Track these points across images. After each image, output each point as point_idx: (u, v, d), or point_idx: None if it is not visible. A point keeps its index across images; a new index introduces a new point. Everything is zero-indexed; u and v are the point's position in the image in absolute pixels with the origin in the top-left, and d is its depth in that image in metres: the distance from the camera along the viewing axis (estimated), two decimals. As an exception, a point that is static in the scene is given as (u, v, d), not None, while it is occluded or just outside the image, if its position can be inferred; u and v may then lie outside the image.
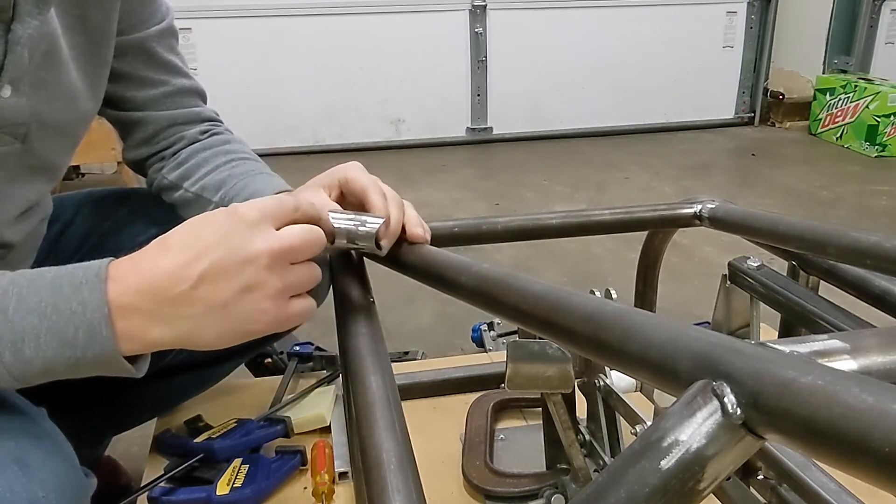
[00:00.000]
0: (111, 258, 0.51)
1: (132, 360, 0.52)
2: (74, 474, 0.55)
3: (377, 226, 0.63)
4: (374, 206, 0.66)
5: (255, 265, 0.51)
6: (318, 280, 0.56)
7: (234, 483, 0.83)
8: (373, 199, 0.67)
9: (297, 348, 1.14)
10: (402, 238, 0.69)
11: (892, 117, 3.21)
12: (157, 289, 0.50)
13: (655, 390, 0.90)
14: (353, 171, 0.69)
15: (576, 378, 0.73)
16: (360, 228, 0.63)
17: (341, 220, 0.63)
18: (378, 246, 0.64)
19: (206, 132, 0.86)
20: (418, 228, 0.69)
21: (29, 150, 0.66)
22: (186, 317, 0.50)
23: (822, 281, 0.84)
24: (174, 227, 0.56)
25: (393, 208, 0.67)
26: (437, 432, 0.98)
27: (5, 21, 0.59)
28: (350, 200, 0.70)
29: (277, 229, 0.53)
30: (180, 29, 0.84)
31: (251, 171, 0.80)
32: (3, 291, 0.48)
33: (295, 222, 0.55)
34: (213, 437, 0.90)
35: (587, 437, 0.79)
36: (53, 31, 0.64)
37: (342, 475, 0.87)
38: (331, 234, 0.62)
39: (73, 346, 0.48)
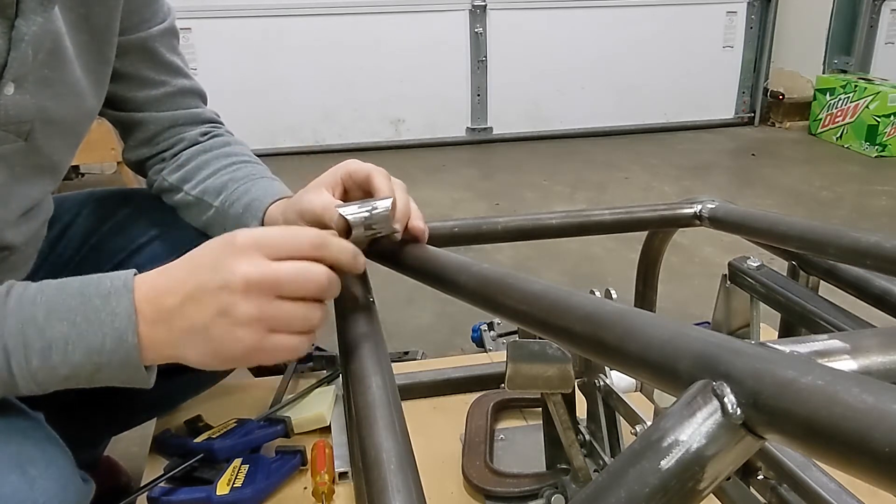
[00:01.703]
0: (134, 270, 0.53)
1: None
2: (74, 481, 0.55)
3: (388, 204, 0.63)
4: (380, 188, 0.66)
5: (229, 290, 0.50)
6: (313, 323, 0.54)
7: (234, 483, 0.83)
8: (378, 183, 0.67)
9: (297, 348, 1.14)
10: (403, 234, 0.69)
11: (892, 117, 3.21)
12: (156, 301, 0.52)
13: (655, 390, 0.90)
14: (354, 164, 0.69)
15: (576, 378, 0.73)
16: (374, 212, 0.63)
17: (352, 211, 0.62)
18: (392, 228, 0.64)
19: (206, 134, 0.86)
20: (419, 221, 0.68)
21: (33, 149, 0.66)
22: (175, 331, 0.52)
23: (822, 281, 0.84)
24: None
25: (399, 192, 0.67)
26: (437, 432, 0.98)
27: (9, 18, 0.59)
28: (355, 195, 0.70)
29: (277, 259, 0.52)
30: (180, 29, 0.84)
31: (252, 175, 0.80)
32: (31, 300, 0.50)
33: (315, 259, 0.53)
34: (213, 437, 0.90)
35: (587, 437, 0.79)
36: (58, 29, 0.64)
37: (342, 475, 0.87)
38: (344, 230, 0.62)
39: (99, 353, 0.50)
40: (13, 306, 0.50)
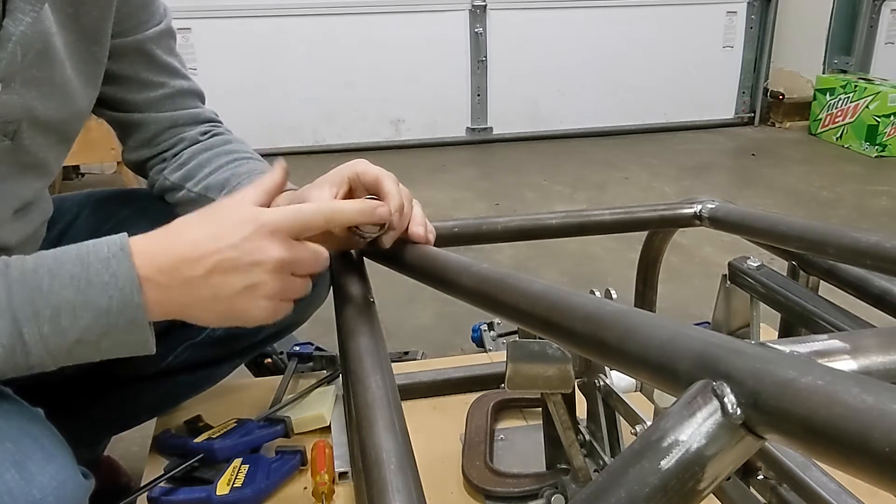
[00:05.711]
0: (124, 234, 0.55)
1: None
2: (73, 476, 0.54)
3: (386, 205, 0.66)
4: (389, 193, 0.67)
5: (263, 268, 0.56)
6: (307, 293, 0.61)
7: (234, 483, 0.83)
8: (387, 187, 0.68)
9: (297, 348, 1.14)
10: (403, 237, 0.69)
11: (892, 117, 3.21)
12: (175, 269, 0.54)
13: (655, 390, 0.90)
14: (363, 165, 0.70)
15: (576, 378, 0.73)
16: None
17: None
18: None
19: (206, 133, 0.86)
20: (420, 227, 0.69)
21: (19, 148, 0.66)
22: (194, 297, 0.56)
23: (822, 281, 0.84)
24: None
25: (405, 200, 0.68)
26: (437, 432, 0.98)
27: None
28: (359, 196, 0.70)
29: (298, 238, 0.58)
30: (180, 29, 0.84)
31: (254, 171, 0.80)
32: (33, 271, 0.52)
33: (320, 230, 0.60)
34: (213, 437, 0.90)
35: (587, 437, 0.79)
36: (47, 29, 0.64)
37: (342, 475, 0.87)
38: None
39: (107, 314, 0.52)
40: (16, 277, 0.52)
